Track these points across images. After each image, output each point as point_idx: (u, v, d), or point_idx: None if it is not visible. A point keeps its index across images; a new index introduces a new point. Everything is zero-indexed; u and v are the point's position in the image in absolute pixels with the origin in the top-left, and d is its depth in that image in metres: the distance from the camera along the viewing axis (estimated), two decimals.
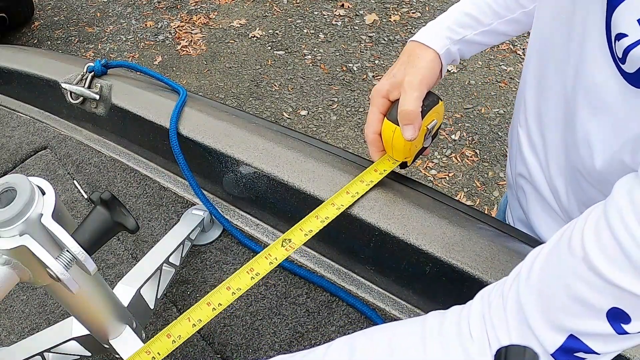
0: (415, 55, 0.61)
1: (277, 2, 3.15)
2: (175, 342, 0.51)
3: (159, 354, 0.50)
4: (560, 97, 0.52)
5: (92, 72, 0.87)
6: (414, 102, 0.57)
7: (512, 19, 0.65)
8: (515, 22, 0.66)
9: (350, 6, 3.06)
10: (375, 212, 0.64)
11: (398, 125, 0.59)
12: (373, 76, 2.62)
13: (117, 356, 0.57)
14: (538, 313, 0.37)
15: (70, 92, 0.88)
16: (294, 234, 0.59)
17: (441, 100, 0.61)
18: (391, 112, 0.60)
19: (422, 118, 0.58)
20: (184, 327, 0.52)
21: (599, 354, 0.35)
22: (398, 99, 0.59)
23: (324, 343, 0.67)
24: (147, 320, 0.68)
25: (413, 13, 2.98)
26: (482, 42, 0.66)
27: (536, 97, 0.58)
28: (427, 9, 3.00)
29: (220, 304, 0.53)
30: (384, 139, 0.62)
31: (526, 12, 0.65)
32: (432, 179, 2.12)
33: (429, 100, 0.59)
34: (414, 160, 0.66)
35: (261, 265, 0.56)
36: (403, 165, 0.64)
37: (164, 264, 0.68)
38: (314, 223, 0.60)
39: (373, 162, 0.65)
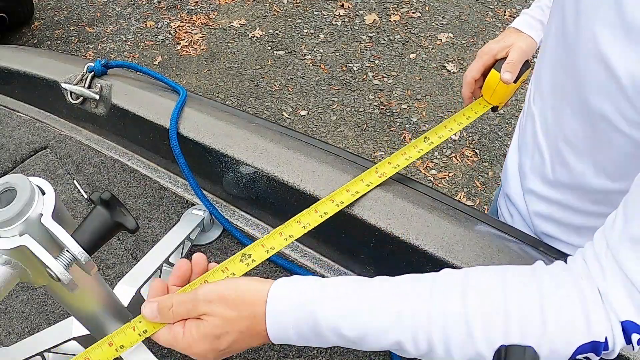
0: (520, 33, 0.77)
1: (277, 2, 3.15)
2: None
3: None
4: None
5: (92, 72, 0.87)
6: (519, 56, 0.74)
7: None
8: None
9: (350, 6, 3.06)
10: (375, 212, 0.64)
11: None
12: (373, 76, 2.62)
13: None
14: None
15: (70, 92, 0.88)
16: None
17: (531, 65, 0.77)
18: (499, 64, 0.76)
19: (519, 78, 0.76)
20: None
21: None
22: (503, 59, 0.76)
23: None
24: None
25: (413, 13, 2.98)
26: None
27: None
28: (427, 9, 3.00)
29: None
30: (489, 85, 0.78)
31: None
32: (432, 179, 2.12)
33: (525, 66, 0.77)
34: (503, 106, 0.82)
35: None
36: (494, 109, 0.81)
37: (164, 264, 0.68)
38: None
39: (373, 161, 0.66)
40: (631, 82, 0.43)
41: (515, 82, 0.76)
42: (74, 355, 0.61)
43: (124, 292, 0.61)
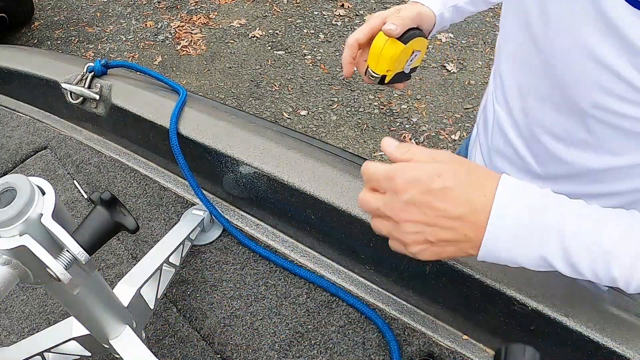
0: (418, 4, 0.71)
1: (277, 2, 3.15)
2: None
3: None
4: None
5: (92, 72, 0.87)
6: (411, 14, 0.66)
7: None
8: None
9: (350, 6, 3.06)
10: None
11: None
12: None
13: (117, 356, 0.57)
14: None
15: (70, 92, 0.88)
16: None
17: (427, 38, 0.69)
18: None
19: (409, 40, 0.66)
20: None
21: None
22: None
23: (324, 343, 0.68)
24: (147, 320, 0.68)
25: None
26: (471, 10, 0.77)
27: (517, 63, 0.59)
28: None
29: None
30: (374, 50, 0.67)
31: None
32: None
33: (417, 31, 0.67)
34: (391, 83, 0.70)
35: None
36: (382, 81, 0.69)
37: (164, 264, 0.68)
38: None
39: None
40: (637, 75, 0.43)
41: (405, 43, 0.66)
42: (74, 355, 0.61)
43: (124, 292, 0.61)
